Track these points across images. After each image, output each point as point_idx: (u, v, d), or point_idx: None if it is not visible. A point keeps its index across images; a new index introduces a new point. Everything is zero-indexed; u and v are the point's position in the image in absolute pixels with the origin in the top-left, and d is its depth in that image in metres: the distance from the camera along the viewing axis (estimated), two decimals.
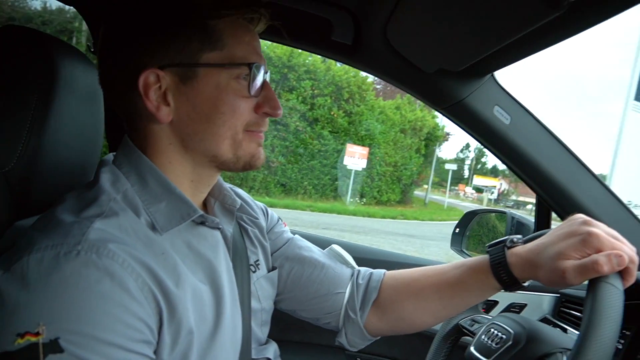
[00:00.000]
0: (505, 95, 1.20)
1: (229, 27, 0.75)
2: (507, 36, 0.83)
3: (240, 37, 0.76)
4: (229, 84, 0.74)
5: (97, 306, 0.58)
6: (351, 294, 1.01)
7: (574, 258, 0.76)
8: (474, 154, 67.88)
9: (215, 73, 0.74)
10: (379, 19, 1.04)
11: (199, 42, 0.73)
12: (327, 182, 17.80)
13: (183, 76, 0.73)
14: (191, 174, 0.80)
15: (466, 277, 0.93)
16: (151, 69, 0.72)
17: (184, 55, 0.73)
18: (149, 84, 0.73)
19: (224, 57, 0.74)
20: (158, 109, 0.74)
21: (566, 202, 1.22)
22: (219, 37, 0.74)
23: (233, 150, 0.77)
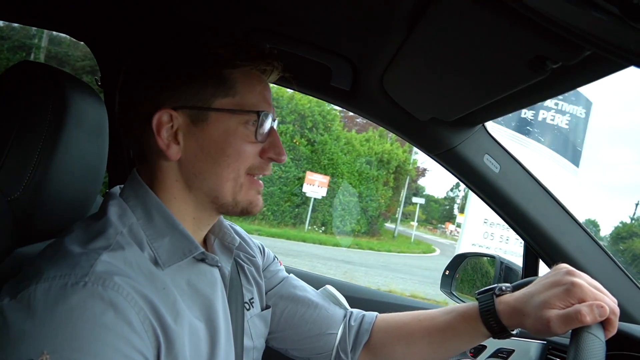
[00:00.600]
0: (495, 145, 1.25)
1: (242, 77, 0.80)
2: (496, 93, 0.89)
3: (253, 87, 0.81)
4: (238, 129, 0.78)
5: (100, 337, 0.60)
6: (343, 335, 1.02)
7: (558, 307, 0.78)
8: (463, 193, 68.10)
9: (225, 118, 0.78)
10: (377, 69, 1.09)
11: (213, 88, 0.77)
12: (286, 208, 17.99)
13: (195, 118, 0.77)
14: (193, 212, 0.82)
15: (456, 323, 0.94)
16: (165, 109, 0.76)
17: (198, 99, 0.77)
18: (162, 123, 0.77)
19: (235, 103, 0.78)
20: (168, 146, 0.77)
21: (552, 249, 1.25)
22: (232, 85, 0.78)
23: (233, 194, 0.80)
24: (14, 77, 0.84)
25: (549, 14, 0.52)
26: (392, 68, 1.04)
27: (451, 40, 0.79)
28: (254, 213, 0.84)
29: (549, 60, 0.66)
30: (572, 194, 5.65)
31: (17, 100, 0.81)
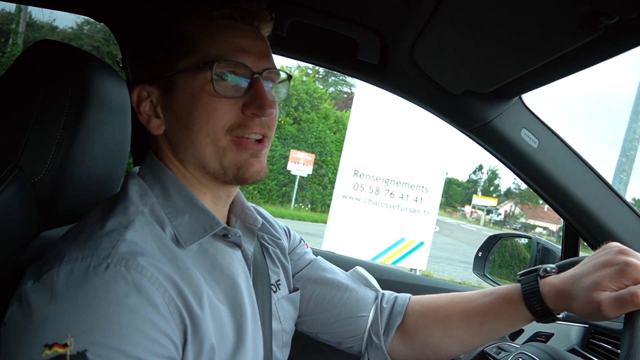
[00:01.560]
0: (533, 118, 1.18)
1: (202, 30, 0.73)
2: (538, 59, 0.82)
3: (216, 37, 0.73)
4: (204, 88, 0.72)
5: (124, 320, 0.58)
6: (375, 318, 0.99)
7: (611, 289, 0.73)
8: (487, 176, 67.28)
9: (189, 79, 0.73)
10: (406, 40, 1.04)
11: (174, 50, 0.74)
12: (273, 187, 18.12)
13: (165, 87, 0.75)
14: (199, 185, 0.79)
15: (496, 305, 0.90)
16: (141, 85, 0.76)
17: (164, 66, 0.74)
18: (142, 99, 0.76)
19: (195, 60, 0.72)
20: (148, 121, 0.76)
21: (596, 229, 1.18)
22: (192, 42, 0.73)
23: (218, 159, 0.74)
24: (33, 56, 0.82)
25: None
26: (423, 38, 0.99)
27: (489, 2, 0.73)
28: (248, 179, 0.76)
29: (604, 15, 0.59)
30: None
31: (37, 80, 0.79)
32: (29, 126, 0.77)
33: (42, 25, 16.94)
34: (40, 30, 16.72)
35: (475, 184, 67.70)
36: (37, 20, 16.89)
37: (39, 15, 16.77)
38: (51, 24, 17.03)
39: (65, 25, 17.43)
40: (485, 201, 50.00)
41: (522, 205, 54.21)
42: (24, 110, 0.78)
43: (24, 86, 0.80)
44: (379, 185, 5.65)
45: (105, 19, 1.34)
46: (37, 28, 16.77)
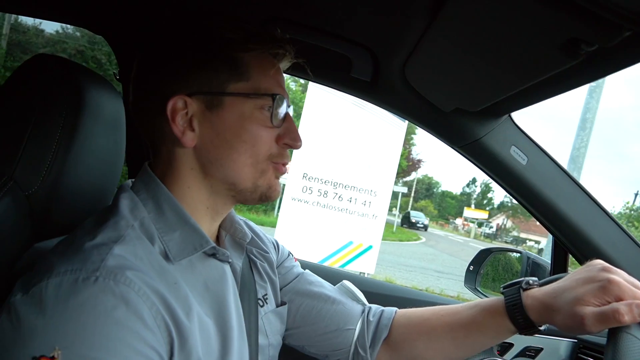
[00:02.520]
0: (522, 136, 1.20)
1: (255, 61, 0.78)
2: (526, 80, 0.84)
3: (266, 71, 0.79)
4: (253, 114, 0.77)
5: (112, 333, 0.59)
6: (361, 331, 1.00)
7: (593, 305, 0.75)
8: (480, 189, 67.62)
9: (240, 102, 0.76)
10: (398, 58, 1.06)
11: (227, 72, 0.76)
12: None
13: (209, 104, 0.76)
14: (207, 200, 0.81)
15: (480, 317, 0.91)
16: (180, 95, 0.75)
17: (212, 84, 0.76)
18: (177, 110, 0.75)
19: (249, 87, 0.77)
20: (183, 133, 0.76)
21: (584, 245, 1.20)
22: (245, 69, 0.77)
23: (253, 179, 0.79)
24: (30, 70, 0.83)
25: None
26: (415, 56, 1.01)
27: (478, 25, 0.75)
28: (272, 198, 0.82)
29: (584, 43, 0.62)
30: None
31: (33, 94, 0.80)
32: (24, 139, 0.77)
33: (28, 28, 16.83)
34: (25, 33, 16.62)
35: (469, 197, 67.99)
36: (23, 23, 16.79)
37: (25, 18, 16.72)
38: (36, 27, 16.92)
39: (50, 29, 17.41)
40: (476, 214, 50.12)
41: (513, 219, 54.45)
42: (19, 123, 0.78)
43: (20, 100, 0.80)
44: (328, 188, 5.64)
45: (106, 32, 1.35)
46: (22, 31, 16.67)
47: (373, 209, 5.76)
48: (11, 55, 14.89)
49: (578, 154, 6.37)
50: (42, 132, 0.79)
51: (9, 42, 15.36)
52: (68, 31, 17.07)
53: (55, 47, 16.30)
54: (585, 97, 6.55)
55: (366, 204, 5.74)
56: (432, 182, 70.80)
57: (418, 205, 61.42)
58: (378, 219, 5.82)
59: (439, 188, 72.67)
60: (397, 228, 28.27)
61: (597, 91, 6.43)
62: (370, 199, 5.74)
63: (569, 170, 1.22)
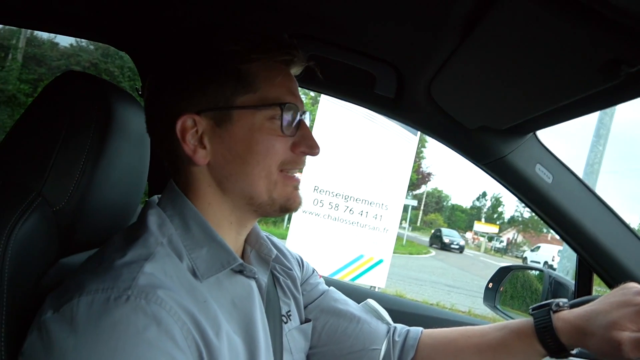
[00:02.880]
0: (547, 154, 1.19)
1: (261, 70, 0.77)
2: (556, 101, 0.83)
3: (273, 79, 0.77)
4: (263, 125, 0.76)
5: (143, 353, 0.58)
6: (387, 352, 0.98)
7: (630, 330, 0.73)
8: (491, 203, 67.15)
9: (249, 115, 0.75)
10: (425, 76, 1.05)
11: (232, 86, 0.75)
12: None
13: (218, 120, 0.75)
14: (230, 216, 0.80)
15: (509, 340, 0.89)
16: (188, 114, 0.75)
17: (219, 99, 0.75)
18: (186, 128, 0.75)
19: (257, 99, 0.76)
20: (194, 152, 0.76)
21: (611, 266, 1.18)
22: (252, 81, 0.76)
23: (268, 192, 0.78)
24: (59, 86, 0.84)
25: (631, 10, 0.47)
26: (441, 75, 1.00)
27: (510, 46, 0.74)
28: (293, 210, 0.82)
29: (625, 64, 0.61)
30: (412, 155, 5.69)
31: (62, 110, 0.81)
32: (53, 155, 0.78)
33: (43, 41, 17.09)
34: (41, 46, 16.87)
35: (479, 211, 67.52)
36: (38, 37, 17.06)
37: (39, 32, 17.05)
38: (51, 40, 17.20)
39: (65, 42, 17.67)
40: (487, 228, 49.68)
41: (524, 233, 53.93)
42: (49, 139, 0.79)
43: (49, 116, 0.81)
44: (339, 201, 5.60)
45: (129, 48, 1.36)
46: (38, 44, 16.93)
47: (384, 223, 5.73)
48: (26, 68, 15.14)
49: (592, 170, 6.33)
50: (71, 148, 0.79)
51: (24, 56, 15.65)
52: (82, 44, 17.34)
53: (70, 60, 16.53)
54: (599, 113, 6.53)
55: (377, 217, 5.71)
56: (441, 196, 70.51)
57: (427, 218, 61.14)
58: (389, 233, 5.79)
59: (448, 201, 72.35)
60: (407, 241, 28.07)
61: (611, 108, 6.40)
62: (382, 212, 5.71)
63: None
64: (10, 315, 0.68)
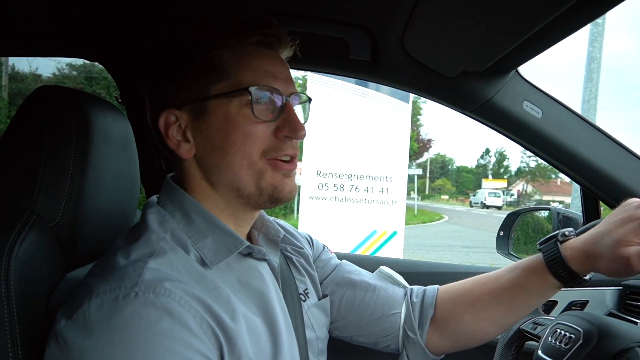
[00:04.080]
0: (533, 89, 1.18)
1: (235, 55, 0.75)
2: (527, 29, 0.82)
3: (248, 63, 0.75)
4: (239, 112, 0.74)
5: (159, 345, 0.59)
6: (407, 313, 0.98)
7: (636, 244, 0.73)
8: (495, 159, 66.91)
9: (223, 104, 0.74)
10: (395, 31, 1.04)
11: (206, 75, 0.74)
12: None
13: (196, 112, 0.75)
14: (225, 209, 0.80)
15: (522, 279, 0.89)
16: (169, 110, 0.75)
17: (195, 91, 0.74)
18: (169, 124, 0.75)
19: (230, 86, 0.74)
20: (178, 146, 0.76)
21: (613, 188, 1.18)
22: (224, 68, 0.74)
23: (255, 181, 0.76)
24: (34, 103, 0.84)
25: None
26: (412, 27, 0.99)
27: None
28: (283, 199, 0.78)
29: None
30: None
31: (41, 125, 0.80)
32: (40, 171, 0.78)
33: (25, 75, 17.03)
34: (24, 80, 16.78)
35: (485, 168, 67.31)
36: (20, 71, 17.05)
37: (21, 66, 16.92)
38: (34, 72, 17.13)
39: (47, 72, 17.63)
40: (495, 184, 49.66)
41: (534, 183, 53.87)
42: (33, 156, 0.79)
43: (29, 133, 0.81)
44: (343, 181, 5.59)
45: (101, 59, 1.36)
46: (21, 79, 16.85)
47: (391, 195, 5.73)
48: (14, 105, 15.05)
49: (589, 106, 6.28)
50: (56, 162, 0.79)
51: (9, 93, 15.62)
52: (64, 72, 17.30)
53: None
54: (587, 48, 6.46)
55: (383, 190, 5.70)
56: (445, 160, 70.33)
57: (435, 185, 61.13)
58: (398, 204, 5.79)
59: (453, 164, 72.17)
60: (418, 210, 28.10)
61: (599, 40, 6.33)
62: (387, 185, 5.70)
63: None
64: (24, 334, 0.69)
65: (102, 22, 1.20)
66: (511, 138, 1.25)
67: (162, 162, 1.47)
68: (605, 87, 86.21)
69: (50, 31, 1.25)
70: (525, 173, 56.12)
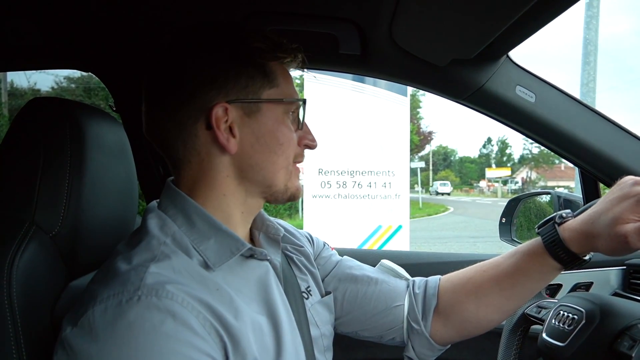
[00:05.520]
0: (526, 74, 1.18)
1: (280, 68, 0.82)
2: (514, 11, 0.82)
3: (287, 77, 0.84)
4: (284, 118, 0.81)
5: (164, 347, 0.60)
6: (410, 305, 0.99)
7: (633, 221, 0.73)
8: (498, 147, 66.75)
9: (274, 108, 0.80)
10: (383, 24, 1.04)
11: (261, 80, 0.78)
12: None
13: (248, 110, 0.78)
14: (242, 205, 0.82)
15: (522, 263, 0.89)
16: (221, 104, 0.75)
17: (248, 91, 0.77)
18: (219, 118, 0.75)
19: (279, 93, 0.80)
20: (228, 140, 0.77)
21: (610, 168, 1.17)
22: (275, 77, 0.80)
23: (285, 181, 0.82)
24: (28, 116, 0.84)
25: None
26: (399, 18, 0.99)
27: None
28: (297, 198, 0.87)
29: None
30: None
31: (35, 137, 0.81)
32: (37, 183, 0.78)
33: (25, 91, 17.07)
34: (23, 96, 16.78)
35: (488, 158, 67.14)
36: (19, 87, 17.19)
37: (20, 82, 17.09)
38: (32, 88, 17.19)
39: (46, 87, 17.72)
40: (498, 172, 49.60)
41: (537, 169, 53.74)
42: (28, 167, 0.79)
43: (24, 145, 0.81)
44: (345, 178, 5.60)
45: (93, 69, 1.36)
46: (20, 95, 16.90)
47: (394, 189, 5.72)
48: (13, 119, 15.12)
49: (588, 89, 6.27)
50: (52, 173, 0.80)
51: (9, 109, 15.69)
52: (62, 85, 17.38)
53: None
54: (583, 30, 6.44)
55: (386, 185, 5.70)
56: (448, 151, 70.23)
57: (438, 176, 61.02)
58: (402, 198, 5.78)
59: (455, 155, 72.08)
60: (423, 203, 28.09)
61: (594, 22, 6.30)
62: (390, 179, 5.70)
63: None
64: (30, 345, 0.69)
65: (93, 32, 1.21)
66: (506, 124, 1.24)
67: (161, 167, 1.48)
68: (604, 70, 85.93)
69: (42, 43, 1.25)
70: (529, 160, 55.96)
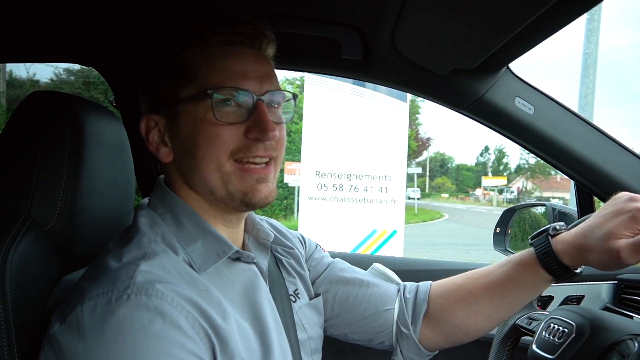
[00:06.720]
0: (525, 86, 1.18)
1: (201, 58, 0.74)
2: (516, 24, 0.83)
3: (213, 64, 0.74)
4: (205, 116, 0.73)
5: (152, 346, 0.59)
6: (400, 309, 0.99)
7: (626, 236, 0.73)
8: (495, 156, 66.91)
9: (192, 107, 0.74)
10: (386, 30, 1.05)
11: (176, 79, 0.74)
12: (274, 202, 18.17)
13: (170, 116, 0.76)
14: (210, 210, 0.80)
15: (514, 273, 0.90)
16: (149, 115, 0.77)
17: (168, 95, 0.75)
18: (150, 128, 0.77)
19: (197, 89, 0.73)
20: (157, 150, 0.77)
21: (605, 182, 1.18)
22: (192, 71, 0.74)
23: (224, 185, 0.75)
24: (28, 109, 0.84)
25: None
26: (401, 25, 1.00)
27: None
28: (256, 204, 0.77)
29: None
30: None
31: (35, 130, 0.81)
32: (34, 176, 0.78)
33: (23, 81, 17.06)
34: (22, 86, 16.79)
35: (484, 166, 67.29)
36: (18, 77, 17.12)
37: (19, 72, 16.96)
38: (31, 79, 17.17)
39: (45, 78, 17.66)
40: (495, 181, 49.75)
41: (533, 179, 53.90)
42: (26, 161, 0.79)
43: (23, 138, 0.81)
44: (342, 181, 5.62)
45: (95, 64, 1.36)
46: (19, 85, 16.87)
47: (390, 194, 5.73)
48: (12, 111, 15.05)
49: (586, 101, 6.28)
50: (50, 166, 0.80)
51: (7, 99, 15.61)
52: (62, 77, 17.32)
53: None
54: (583, 43, 6.46)
55: (383, 190, 5.71)
56: (445, 158, 70.33)
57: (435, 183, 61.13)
58: (397, 203, 5.79)
59: (452, 163, 72.18)
60: (419, 209, 28.12)
61: (594, 36, 6.32)
62: (386, 184, 5.71)
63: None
64: (21, 337, 0.69)
65: (95, 27, 1.21)
66: (504, 134, 1.25)
67: (158, 165, 1.48)
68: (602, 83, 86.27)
69: (45, 37, 1.25)
70: (525, 170, 56.12)
